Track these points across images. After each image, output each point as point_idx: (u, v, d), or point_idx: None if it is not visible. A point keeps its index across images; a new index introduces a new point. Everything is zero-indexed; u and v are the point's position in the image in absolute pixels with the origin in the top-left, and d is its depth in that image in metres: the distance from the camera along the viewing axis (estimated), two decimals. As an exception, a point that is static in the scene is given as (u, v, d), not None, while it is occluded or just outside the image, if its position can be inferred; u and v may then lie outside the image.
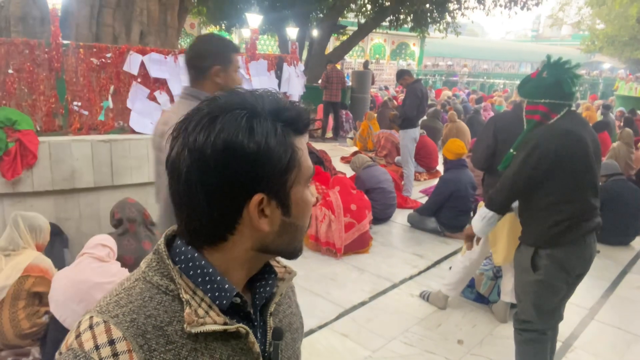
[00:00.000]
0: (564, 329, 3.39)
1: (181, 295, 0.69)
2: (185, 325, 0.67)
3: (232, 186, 0.67)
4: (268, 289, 0.80)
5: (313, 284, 3.92)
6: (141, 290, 0.70)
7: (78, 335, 0.65)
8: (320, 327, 3.29)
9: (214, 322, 0.69)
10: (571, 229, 2.19)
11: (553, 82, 2.23)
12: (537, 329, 2.40)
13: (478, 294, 3.75)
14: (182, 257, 0.72)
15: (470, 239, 2.65)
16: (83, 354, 0.63)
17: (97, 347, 0.63)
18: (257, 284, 0.80)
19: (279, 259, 0.85)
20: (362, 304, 3.66)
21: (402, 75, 6.28)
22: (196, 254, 0.72)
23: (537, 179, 2.20)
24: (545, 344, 2.43)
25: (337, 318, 3.42)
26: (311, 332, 3.22)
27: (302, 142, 0.73)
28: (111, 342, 0.64)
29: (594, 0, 23.61)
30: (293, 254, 0.78)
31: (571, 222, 2.19)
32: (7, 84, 3.59)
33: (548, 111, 2.25)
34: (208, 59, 1.92)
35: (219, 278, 0.71)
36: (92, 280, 2.57)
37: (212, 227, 0.70)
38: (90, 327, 0.66)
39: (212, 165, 0.66)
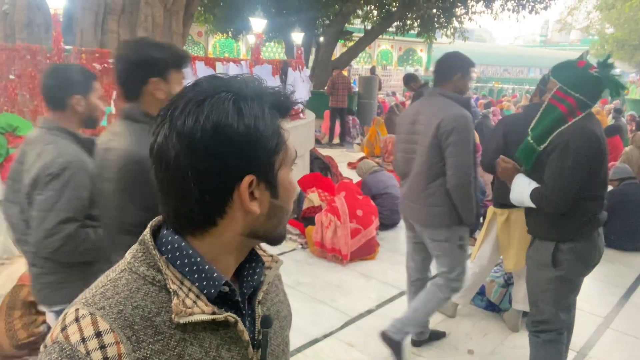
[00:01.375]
0: (579, 338, 3.27)
1: (168, 286, 0.68)
2: (173, 316, 0.66)
3: (222, 169, 0.67)
4: (256, 277, 0.80)
5: (318, 291, 3.83)
6: (127, 282, 0.68)
7: (64, 328, 0.64)
8: (326, 336, 3.19)
9: (202, 311, 0.68)
10: (590, 221, 2.25)
11: (599, 84, 2.17)
12: (555, 329, 2.36)
13: (489, 301, 3.63)
14: (169, 246, 0.71)
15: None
16: (69, 346, 0.62)
17: (83, 340, 0.62)
18: (244, 272, 0.80)
19: (265, 247, 0.85)
20: (369, 312, 3.56)
21: (409, 81, 6.22)
22: (183, 243, 0.71)
23: (583, 180, 2.17)
24: (562, 344, 2.40)
25: (343, 327, 3.33)
26: (316, 341, 3.12)
27: (286, 125, 0.74)
28: (98, 335, 0.63)
29: (603, 4, 23.42)
30: (279, 239, 0.78)
31: (590, 215, 2.24)
32: (9, 89, 3.57)
33: (576, 107, 2.18)
34: (453, 68, 2.68)
35: (207, 267, 0.71)
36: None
37: (203, 212, 0.70)
38: (77, 319, 0.64)
39: (202, 148, 0.65)
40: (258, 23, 5.46)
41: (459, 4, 13.00)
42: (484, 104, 14.67)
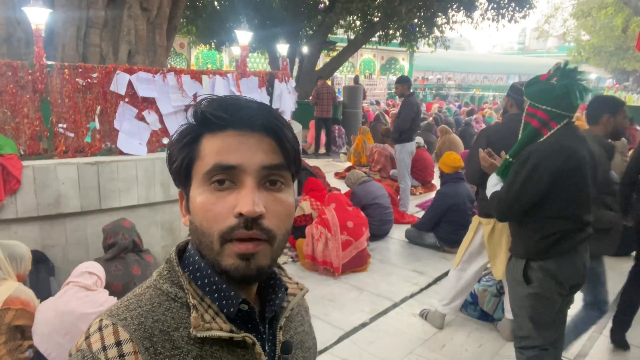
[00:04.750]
0: (573, 346, 3.27)
1: (188, 300, 0.70)
2: (191, 330, 0.67)
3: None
4: (277, 302, 0.79)
5: (311, 305, 3.72)
6: (151, 297, 0.71)
7: (87, 337, 0.67)
8: (320, 352, 3.14)
9: (220, 328, 0.69)
10: (562, 241, 2.17)
11: (561, 91, 2.12)
12: (537, 345, 2.32)
13: (482, 311, 3.62)
14: (191, 267, 0.74)
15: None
16: (91, 354, 0.64)
17: (104, 348, 0.64)
18: (267, 297, 0.80)
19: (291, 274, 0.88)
20: (363, 325, 3.52)
21: (403, 82, 6.09)
22: (203, 264, 0.73)
23: (539, 196, 2.15)
24: None
25: (337, 342, 3.28)
26: (311, 357, 3.07)
27: (216, 140, 0.70)
28: (118, 344, 0.65)
29: (579, 12, 23.93)
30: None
31: (562, 235, 2.17)
32: (-11, 107, 3.47)
33: (548, 119, 2.17)
34: None
35: (224, 286, 0.72)
36: (78, 311, 2.43)
37: None
38: (100, 329, 0.67)
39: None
40: (244, 35, 5.42)
41: (440, 14, 13.16)
42: (467, 112, 14.85)
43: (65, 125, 3.76)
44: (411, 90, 6.19)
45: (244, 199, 0.67)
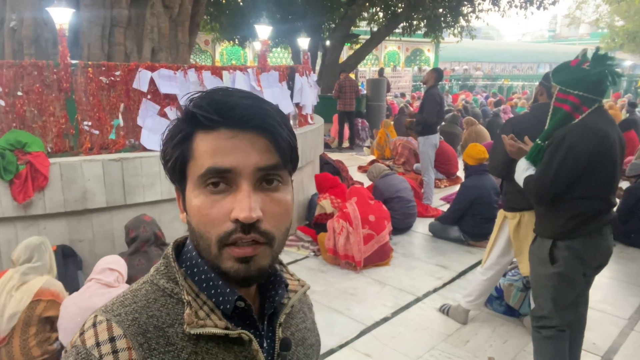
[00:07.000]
0: (602, 341, 3.18)
1: (183, 297, 0.69)
2: (185, 327, 0.67)
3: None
4: (277, 298, 0.78)
5: (332, 299, 3.77)
6: (147, 292, 0.71)
7: (82, 333, 0.66)
8: (341, 347, 3.13)
9: (215, 325, 0.69)
10: (589, 221, 2.23)
11: (595, 76, 2.16)
12: (555, 325, 2.38)
13: (508, 306, 3.54)
14: (188, 263, 0.74)
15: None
16: (85, 350, 0.64)
17: (98, 344, 0.64)
18: (267, 293, 0.79)
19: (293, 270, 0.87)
20: (385, 320, 3.49)
21: (437, 72, 6.01)
22: (199, 260, 0.72)
23: (575, 177, 2.19)
24: (564, 341, 2.40)
25: (359, 336, 3.26)
26: (331, 352, 3.07)
27: (209, 139, 0.67)
28: (112, 340, 0.65)
29: (612, -3, 23.14)
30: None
31: (590, 215, 2.22)
32: (17, 106, 3.57)
33: (580, 103, 2.21)
34: None
35: (220, 282, 0.71)
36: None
37: None
38: (94, 325, 0.67)
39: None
40: (264, 30, 5.42)
41: (466, 3, 12.87)
42: (494, 102, 14.52)
43: (90, 123, 3.85)
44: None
45: (240, 203, 0.65)
